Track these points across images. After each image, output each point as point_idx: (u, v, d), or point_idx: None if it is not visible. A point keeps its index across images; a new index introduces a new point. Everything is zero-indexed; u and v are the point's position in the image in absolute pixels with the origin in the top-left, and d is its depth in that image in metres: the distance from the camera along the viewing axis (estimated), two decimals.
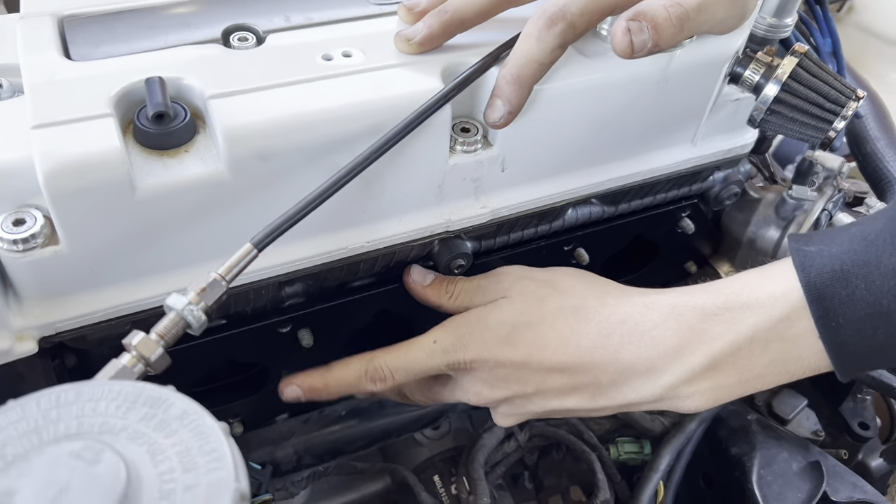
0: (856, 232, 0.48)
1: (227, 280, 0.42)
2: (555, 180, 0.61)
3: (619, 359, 0.54)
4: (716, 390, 0.53)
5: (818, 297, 0.47)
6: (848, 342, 0.47)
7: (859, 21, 1.51)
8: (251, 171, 0.47)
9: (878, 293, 0.46)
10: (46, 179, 0.42)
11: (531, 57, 0.50)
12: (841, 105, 0.56)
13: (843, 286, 0.46)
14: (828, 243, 0.48)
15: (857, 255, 0.46)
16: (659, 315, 0.54)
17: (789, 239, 0.52)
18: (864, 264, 0.46)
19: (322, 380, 0.61)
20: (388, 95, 0.50)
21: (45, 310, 0.48)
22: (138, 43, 0.52)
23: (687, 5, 0.49)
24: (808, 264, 0.48)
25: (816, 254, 0.48)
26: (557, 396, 0.57)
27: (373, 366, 0.59)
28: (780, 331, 0.50)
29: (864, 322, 0.46)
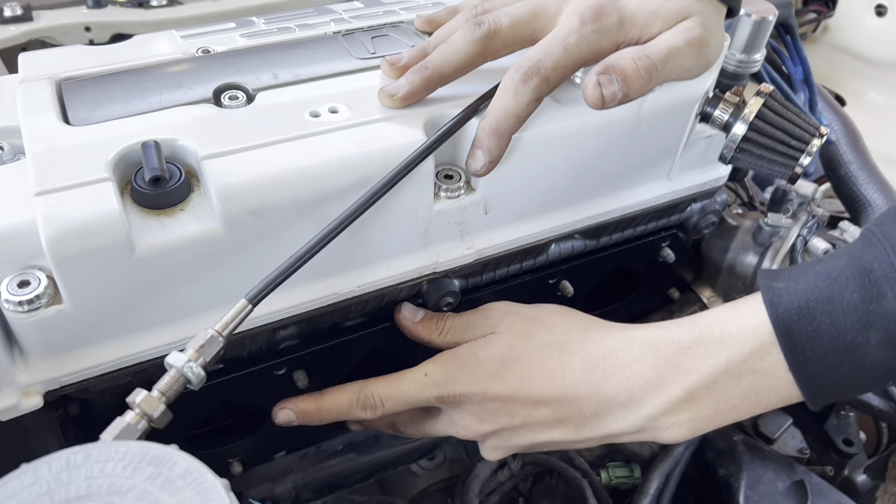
0: (820, 269, 0.51)
1: (224, 336, 0.44)
2: (537, 219, 0.64)
3: (602, 391, 0.56)
4: (694, 422, 0.55)
5: (786, 332, 0.50)
6: (816, 374, 0.50)
7: (834, 41, 1.55)
8: (245, 227, 0.49)
9: (841, 328, 0.48)
10: (49, 244, 0.44)
11: (508, 110, 0.52)
12: (805, 142, 0.59)
13: (809, 321, 0.49)
14: (795, 280, 0.51)
15: (821, 292, 0.49)
16: (638, 349, 0.56)
17: (759, 275, 0.55)
18: (828, 301, 0.49)
19: (315, 404, 0.62)
20: (373, 150, 0.52)
21: (50, 365, 0.50)
22: (133, 104, 0.55)
23: (654, 57, 0.52)
24: (776, 300, 0.51)
25: (784, 290, 0.51)
26: (544, 429, 0.59)
27: (364, 393, 0.61)
28: (752, 364, 0.52)
29: (829, 355, 0.49)
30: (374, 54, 0.62)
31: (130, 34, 1.08)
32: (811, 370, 0.50)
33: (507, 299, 0.71)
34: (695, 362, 0.54)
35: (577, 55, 0.53)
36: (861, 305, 0.48)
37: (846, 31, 1.52)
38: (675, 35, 0.53)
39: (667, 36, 0.53)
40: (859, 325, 0.48)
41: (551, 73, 0.52)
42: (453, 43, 0.55)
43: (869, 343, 0.48)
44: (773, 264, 0.79)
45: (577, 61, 0.53)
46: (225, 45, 0.64)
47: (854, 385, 0.51)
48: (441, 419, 0.64)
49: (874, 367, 0.49)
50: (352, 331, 0.64)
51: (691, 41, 0.53)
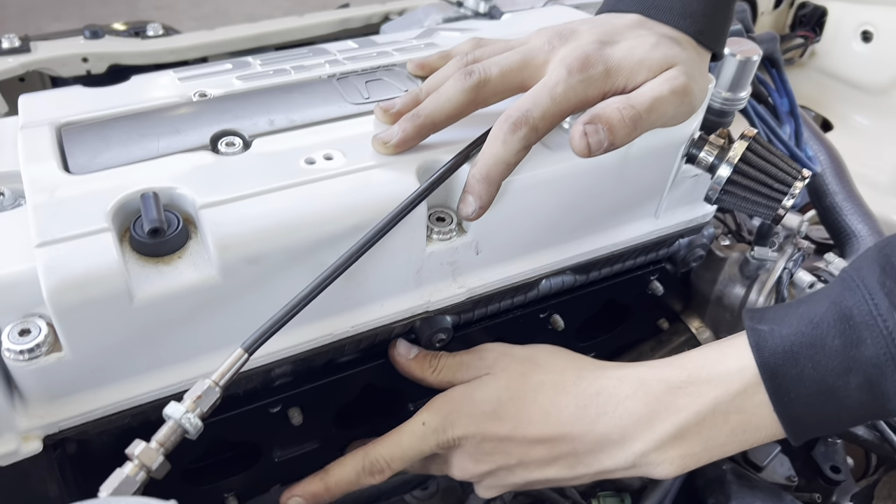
0: (803, 313, 0.52)
1: (221, 386, 0.45)
2: (527, 258, 0.65)
3: (596, 429, 0.58)
4: (683, 458, 0.56)
5: (771, 374, 0.52)
6: (800, 415, 0.52)
7: (821, 65, 1.57)
8: (241, 274, 0.50)
9: (823, 372, 0.50)
10: (50, 295, 0.45)
11: (498, 158, 0.54)
12: (788, 185, 0.61)
13: (793, 365, 0.51)
14: (779, 323, 0.53)
15: (804, 336, 0.51)
16: (630, 387, 0.58)
17: (744, 315, 0.56)
18: (811, 346, 0.50)
19: (322, 484, 0.62)
20: (367, 196, 0.53)
21: (49, 410, 0.51)
22: (133, 151, 0.56)
23: (639, 107, 0.53)
24: (761, 344, 0.52)
25: (769, 333, 0.52)
26: (539, 467, 0.60)
27: (369, 460, 0.61)
28: (738, 403, 0.54)
29: (812, 398, 0.51)
30: (367, 99, 0.63)
31: (128, 65, 1.10)
32: (795, 411, 0.52)
33: (498, 334, 0.72)
34: (684, 401, 0.55)
35: (564, 104, 0.54)
36: (842, 351, 0.50)
37: (833, 56, 1.55)
38: (659, 84, 0.55)
39: (651, 85, 0.55)
40: (840, 370, 0.50)
41: (539, 123, 0.54)
42: (445, 92, 0.56)
43: (849, 386, 0.50)
44: (759, 297, 0.80)
45: (565, 110, 0.55)
46: (222, 88, 0.65)
47: (835, 424, 0.52)
48: (437, 461, 0.65)
49: (854, 408, 0.51)
50: (346, 367, 0.65)
51: (675, 90, 0.55)
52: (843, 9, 1.50)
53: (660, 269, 0.78)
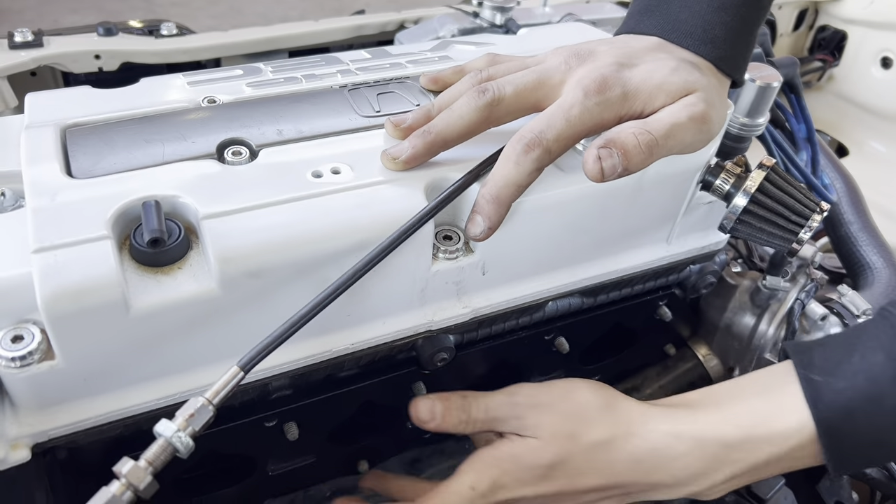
0: (858, 366, 0.53)
1: (215, 404, 0.44)
2: (534, 280, 0.64)
3: (650, 479, 0.60)
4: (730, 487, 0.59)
5: (827, 431, 0.53)
6: (850, 464, 0.54)
7: (839, 90, 1.56)
8: (242, 288, 0.49)
9: (880, 428, 0.52)
10: (45, 303, 0.44)
11: (509, 180, 0.52)
12: (805, 217, 0.59)
13: (850, 422, 0.53)
14: (832, 374, 0.54)
15: (861, 391, 0.52)
16: (685, 446, 0.58)
17: (790, 352, 0.58)
18: (869, 402, 0.52)
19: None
20: (374, 213, 0.52)
21: (40, 419, 0.49)
22: (137, 157, 0.55)
23: (656, 133, 0.52)
24: (817, 398, 0.54)
25: (824, 386, 0.54)
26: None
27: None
28: (792, 454, 0.56)
29: (866, 449, 0.53)
30: (378, 112, 0.62)
31: (140, 63, 1.09)
32: (847, 462, 0.54)
33: (502, 355, 0.71)
34: (740, 455, 0.57)
35: (579, 127, 0.53)
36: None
37: (851, 81, 1.53)
38: (678, 110, 0.53)
39: (670, 111, 0.54)
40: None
41: (553, 145, 0.52)
42: (457, 109, 0.55)
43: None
44: (770, 327, 0.79)
45: (580, 133, 0.53)
46: (231, 95, 0.64)
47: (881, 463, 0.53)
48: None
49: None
50: (344, 384, 0.64)
51: (694, 117, 0.53)
52: (864, 34, 1.48)
53: (669, 295, 0.77)
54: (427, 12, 1.27)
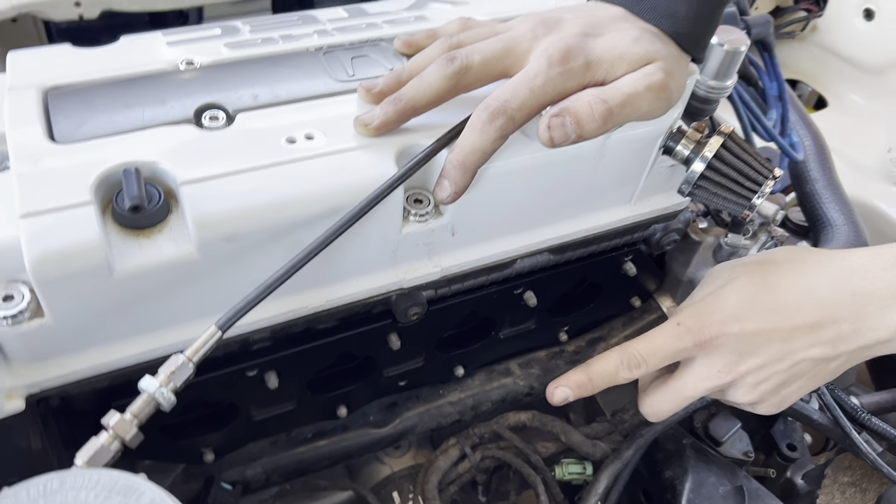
0: None
1: (195, 362, 0.47)
2: (502, 240, 0.67)
3: (856, 303, 0.58)
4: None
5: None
6: None
7: (822, 41, 1.56)
8: (219, 251, 0.52)
9: None
10: (33, 267, 0.47)
11: (474, 146, 0.55)
12: (759, 184, 0.62)
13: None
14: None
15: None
16: (886, 262, 0.58)
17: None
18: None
19: (585, 375, 0.65)
20: (346, 180, 0.55)
21: (32, 371, 0.53)
22: (117, 121, 0.57)
23: (611, 102, 0.54)
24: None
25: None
26: (802, 349, 0.60)
27: (627, 354, 0.63)
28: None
29: None
30: (352, 76, 0.64)
31: (120, 11, 1.09)
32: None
33: (473, 309, 0.75)
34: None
35: (542, 96, 0.55)
36: None
37: (834, 32, 1.53)
38: (636, 79, 0.56)
39: (629, 80, 0.56)
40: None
41: (517, 114, 0.55)
42: (426, 77, 0.57)
43: None
44: None
45: (544, 102, 0.55)
46: (209, 56, 0.65)
47: None
48: (694, 369, 0.64)
49: None
50: (322, 336, 0.68)
51: (651, 86, 0.56)
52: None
53: (634, 251, 0.80)
54: None
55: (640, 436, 0.83)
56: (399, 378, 0.79)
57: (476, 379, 0.84)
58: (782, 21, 1.60)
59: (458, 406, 0.83)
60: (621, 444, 0.83)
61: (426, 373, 0.80)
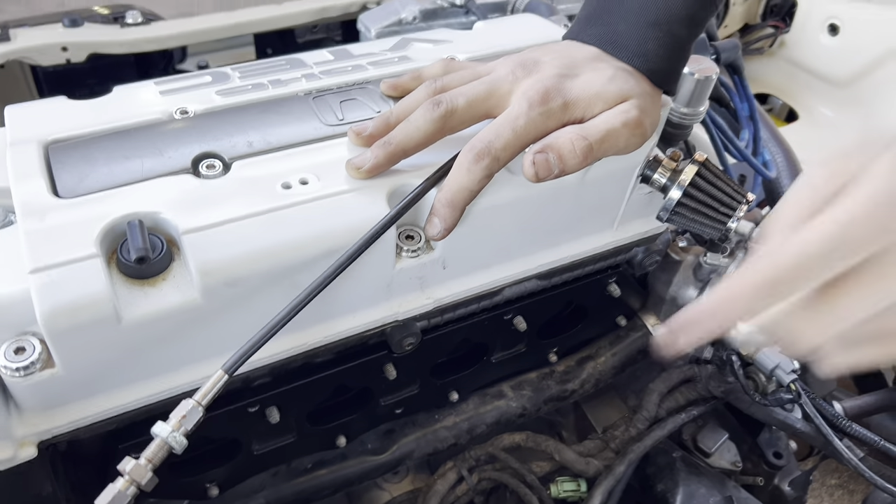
0: None
1: (204, 405, 0.49)
2: (491, 270, 0.69)
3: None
4: None
5: None
6: None
7: (790, 55, 1.61)
8: (222, 296, 0.54)
9: None
10: (44, 320, 0.49)
11: (462, 186, 0.58)
12: (733, 209, 0.65)
13: None
14: None
15: None
16: None
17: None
18: None
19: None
20: (341, 222, 0.57)
21: (43, 419, 0.55)
22: (118, 173, 0.59)
23: (591, 138, 0.57)
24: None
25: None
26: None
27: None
28: None
29: None
30: (342, 121, 0.66)
31: (107, 54, 1.11)
32: None
33: (465, 336, 0.77)
34: None
35: (525, 137, 0.58)
36: None
37: (801, 47, 1.58)
38: (613, 116, 0.59)
39: (606, 117, 0.59)
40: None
41: (501, 154, 0.58)
42: (414, 121, 0.60)
43: None
44: None
45: (526, 142, 0.58)
46: (202, 104, 0.68)
47: None
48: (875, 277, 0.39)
49: None
50: (320, 369, 0.70)
51: (627, 122, 0.59)
52: (812, 1, 1.53)
53: (617, 273, 0.83)
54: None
55: (631, 451, 0.86)
56: (395, 406, 0.81)
57: (470, 403, 0.87)
58: (751, 38, 1.65)
59: (454, 430, 0.85)
60: (614, 460, 0.86)
61: (421, 399, 0.82)
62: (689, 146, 0.99)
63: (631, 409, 0.97)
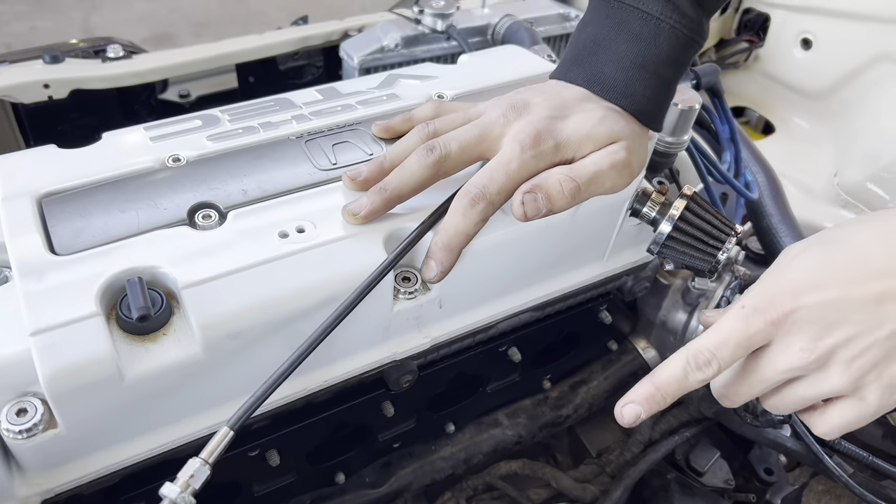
0: None
1: (210, 463, 0.49)
2: (486, 306, 0.70)
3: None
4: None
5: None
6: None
7: (765, 69, 1.64)
8: (223, 349, 0.55)
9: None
10: (47, 382, 0.49)
11: (458, 230, 0.58)
12: (722, 241, 0.67)
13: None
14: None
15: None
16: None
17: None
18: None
19: (653, 386, 0.56)
20: (339, 270, 0.58)
21: (45, 478, 0.55)
22: (113, 227, 0.59)
23: (579, 179, 0.58)
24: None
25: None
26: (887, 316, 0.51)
27: (693, 352, 0.55)
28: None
29: None
30: (335, 164, 0.67)
31: (89, 89, 1.11)
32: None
33: (460, 369, 0.78)
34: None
35: (518, 179, 0.59)
36: None
37: (775, 61, 1.61)
38: (602, 158, 0.60)
39: (594, 158, 0.60)
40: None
41: (496, 198, 0.59)
42: (409, 167, 0.60)
43: None
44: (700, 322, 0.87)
45: (519, 183, 0.59)
46: (194, 150, 0.68)
47: None
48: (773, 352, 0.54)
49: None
50: (319, 410, 0.70)
51: (615, 164, 0.60)
52: (785, 16, 1.57)
53: (608, 301, 0.84)
54: (370, 20, 1.30)
55: (626, 476, 0.87)
56: (393, 441, 0.81)
57: (466, 433, 0.87)
58: (726, 52, 1.68)
59: (451, 461, 0.86)
60: (610, 484, 0.87)
61: (419, 432, 0.83)
62: (674, 172, 1.01)
63: (624, 432, 0.98)
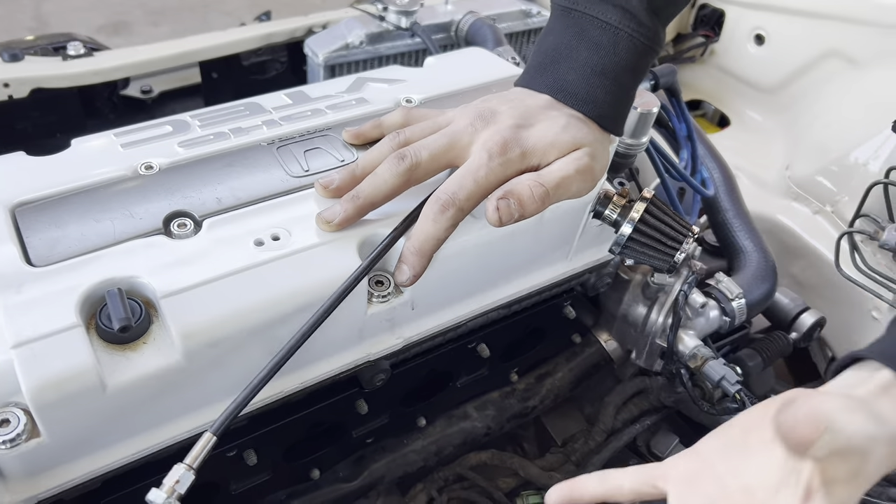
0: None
1: (195, 468, 0.51)
2: (456, 306, 0.73)
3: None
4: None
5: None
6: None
7: (720, 63, 1.69)
8: (203, 356, 0.56)
9: None
10: (31, 395, 0.50)
11: (429, 235, 0.61)
12: (679, 242, 0.70)
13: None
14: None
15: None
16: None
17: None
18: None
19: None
20: (315, 276, 0.60)
21: (29, 485, 0.56)
22: (90, 237, 0.59)
23: (548, 185, 0.61)
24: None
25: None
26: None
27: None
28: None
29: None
30: (307, 171, 0.68)
31: (50, 88, 1.10)
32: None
33: (432, 367, 0.81)
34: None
35: (486, 186, 0.61)
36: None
37: (730, 56, 1.66)
38: (567, 164, 0.63)
39: (560, 165, 0.63)
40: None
41: (465, 204, 0.61)
42: (381, 175, 0.62)
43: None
44: (659, 316, 0.91)
45: (487, 190, 0.62)
46: (166, 157, 0.68)
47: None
48: None
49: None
50: (294, 410, 0.72)
51: (580, 169, 0.63)
52: (739, 13, 1.61)
53: (572, 296, 0.87)
54: (334, 16, 1.30)
55: (591, 464, 0.91)
56: (367, 436, 0.83)
57: (437, 426, 0.90)
58: (683, 47, 1.73)
59: (422, 453, 0.88)
60: (575, 472, 0.90)
61: (391, 427, 0.85)
62: (633, 171, 1.04)
63: (587, 419, 1.02)
